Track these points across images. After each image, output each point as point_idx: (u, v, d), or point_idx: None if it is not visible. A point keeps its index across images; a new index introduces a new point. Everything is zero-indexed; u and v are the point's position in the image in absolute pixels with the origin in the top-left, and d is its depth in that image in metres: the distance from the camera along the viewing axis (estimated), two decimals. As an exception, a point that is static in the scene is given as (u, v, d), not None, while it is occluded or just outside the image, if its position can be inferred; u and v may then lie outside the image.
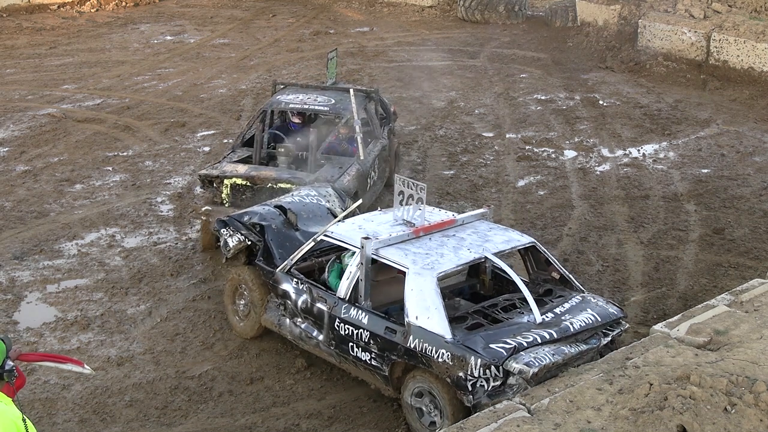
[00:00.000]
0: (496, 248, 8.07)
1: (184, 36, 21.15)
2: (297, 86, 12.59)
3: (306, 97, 11.74)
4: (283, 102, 11.72)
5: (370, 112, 11.90)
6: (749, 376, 6.33)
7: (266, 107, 11.72)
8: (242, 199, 10.41)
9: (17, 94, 16.59)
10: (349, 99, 11.36)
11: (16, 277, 10.19)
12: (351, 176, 10.74)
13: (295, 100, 11.70)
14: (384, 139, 12.04)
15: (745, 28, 17.69)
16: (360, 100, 11.58)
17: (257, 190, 10.40)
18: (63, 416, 7.92)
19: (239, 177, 10.46)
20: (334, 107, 11.52)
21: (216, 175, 10.58)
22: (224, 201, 10.52)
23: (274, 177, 10.47)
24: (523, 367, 6.94)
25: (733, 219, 11.89)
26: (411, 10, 23.74)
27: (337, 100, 11.62)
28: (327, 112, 11.53)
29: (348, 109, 11.34)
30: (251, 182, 10.45)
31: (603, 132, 15.15)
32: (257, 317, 8.87)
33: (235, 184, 10.45)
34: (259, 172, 10.57)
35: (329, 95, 11.81)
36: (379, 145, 11.78)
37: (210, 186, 10.62)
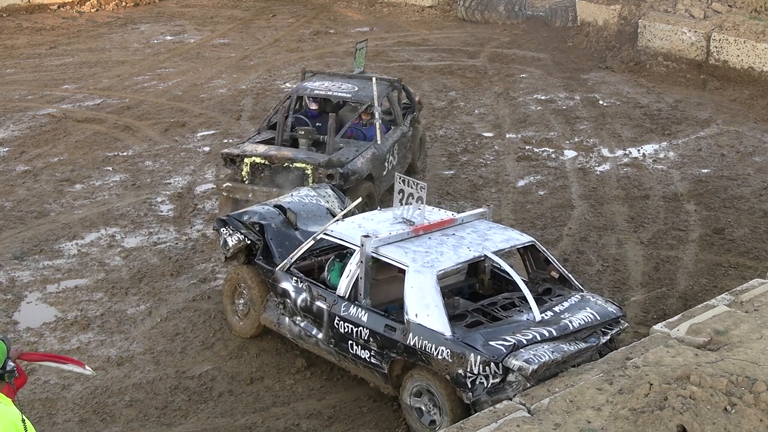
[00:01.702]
0: (495, 247, 8.07)
1: (184, 36, 21.16)
2: (325, 74, 13.06)
3: (331, 84, 12.18)
4: (308, 88, 12.16)
5: (393, 101, 12.42)
6: (749, 376, 6.33)
7: (291, 93, 12.22)
8: (261, 177, 10.93)
9: (17, 94, 16.59)
10: (371, 87, 11.73)
11: (16, 277, 10.19)
12: (365, 159, 11.11)
13: (321, 87, 12.15)
14: (405, 126, 12.46)
15: (745, 28, 17.69)
16: (383, 89, 11.99)
17: (275, 169, 10.89)
18: (63, 416, 7.92)
19: (258, 156, 10.93)
20: (356, 94, 11.93)
21: (237, 153, 11.06)
22: (244, 178, 10.97)
23: (290, 156, 10.89)
24: (523, 364, 6.95)
25: (733, 219, 11.89)
26: (411, 10, 23.75)
27: (360, 88, 12.01)
28: (349, 99, 12.00)
29: (370, 96, 11.71)
30: (269, 161, 10.90)
31: (603, 132, 15.16)
32: (256, 316, 8.88)
33: (254, 163, 10.92)
34: (277, 152, 11.00)
35: (353, 83, 12.22)
36: (399, 132, 12.21)
37: (231, 164, 11.08)
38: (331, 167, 10.67)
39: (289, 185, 10.71)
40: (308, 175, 10.73)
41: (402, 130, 12.34)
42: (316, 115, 12.07)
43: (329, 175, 10.62)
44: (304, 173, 10.75)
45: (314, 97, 12.07)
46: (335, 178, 10.60)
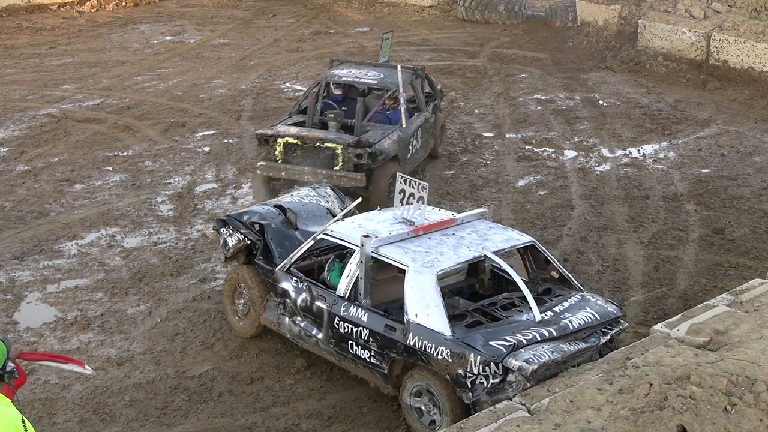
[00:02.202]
0: (495, 247, 8.08)
1: (184, 36, 21.16)
2: (352, 62, 13.83)
3: (358, 72, 12.93)
4: (336, 75, 12.88)
5: (416, 88, 13.04)
6: (749, 376, 6.33)
7: (321, 79, 12.88)
8: (293, 156, 11.50)
9: (17, 94, 16.59)
10: (396, 75, 12.35)
11: (16, 277, 10.19)
12: (391, 140, 11.76)
13: (348, 74, 12.87)
14: (428, 113, 13.10)
15: (745, 28, 17.69)
16: (407, 77, 12.64)
17: (306, 149, 11.48)
18: (63, 416, 7.92)
19: (291, 136, 11.53)
20: (382, 81, 12.61)
21: (270, 134, 11.64)
22: (277, 158, 11.56)
23: (321, 137, 11.53)
24: (523, 364, 6.95)
25: (733, 219, 11.89)
26: (411, 10, 23.74)
27: (386, 75, 12.70)
28: (376, 85, 12.66)
29: (395, 83, 12.34)
30: (301, 141, 11.50)
31: (603, 132, 15.16)
32: (256, 316, 8.88)
33: (287, 143, 11.51)
34: (308, 133, 11.63)
35: (379, 71, 12.93)
36: (422, 118, 12.82)
37: (265, 144, 11.66)
38: (359, 147, 11.28)
39: (320, 164, 11.37)
40: (338, 154, 11.32)
41: (425, 116, 12.94)
42: (341, 100, 12.79)
43: (358, 154, 11.24)
44: (335, 153, 11.33)
45: (338, 84, 12.76)
46: (363, 157, 11.24)
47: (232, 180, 12.96)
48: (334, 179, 11.22)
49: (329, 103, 12.61)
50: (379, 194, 11.35)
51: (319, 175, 11.27)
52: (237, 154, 13.86)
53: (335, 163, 11.33)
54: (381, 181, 11.45)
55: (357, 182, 11.30)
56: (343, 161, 11.30)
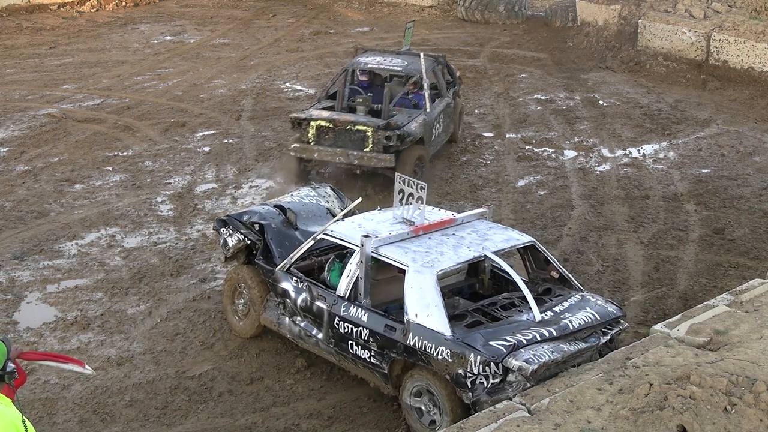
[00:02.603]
0: (495, 247, 8.08)
1: (184, 36, 21.15)
2: (376, 51, 14.48)
3: (383, 59, 13.62)
4: (362, 62, 13.50)
5: (438, 75, 13.55)
6: (749, 376, 6.33)
7: (348, 66, 13.45)
8: (325, 138, 12.15)
9: (17, 94, 16.59)
10: (419, 62, 12.95)
11: (16, 277, 10.19)
12: (418, 123, 12.38)
13: (374, 61, 13.54)
14: (449, 98, 13.70)
15: (745, 28, 17.69)
16: (429, 64, 13.23)
17: (338, 131, 12.14)
18: (63, 416, 7.92)
19: (323, 119, 12.20)
20: (406, 68, 13.24)
21: (304, 117, 12.29)
22: (310, 140, 12.21)
23: (352, 120, 12.20)
24: (523, 364, 6.95)
25: (733, 219, 11.89)
26: (411, 10, 23.75)
27: (410, 62, 13.34)
28: (400, 72, 13.29)
29: (418, 70, 12.94)
30: (333, 124, 12.16)
31: (603, 132, 15.16)
32: (256, 316, 8.88)
33: (320, 126, 12.16)
34: (340, 116, 12.32)
35: (403, 58, 13.63)
36: (444, 103, 13.37)
37: (298, 127, 12.29)
38: (389, 130, 11.95)
39: (351, 146, 12.07)
40: (368, 136, 11.99)
41: (446, 101, 13.53)
42: (367, 86, 13.38)
43: (387, 136, 11.89)
44: (365, 135, 12.00)
45: (364, 70, 13.37)
46: (392, 139, 11.89)
47: (232, 180, 12.97)
48: (365, 160, 12.01)
49: (356, 88, 13.23)
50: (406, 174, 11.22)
51: (351, 156, 12.04)
52: (237, 154, 13.87)
53: (365, 145, 12.01)
54: (408, 162, 12.07)
55: (386, 163, 11.96)
56: (373, 143, 11.97)
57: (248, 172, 13.24)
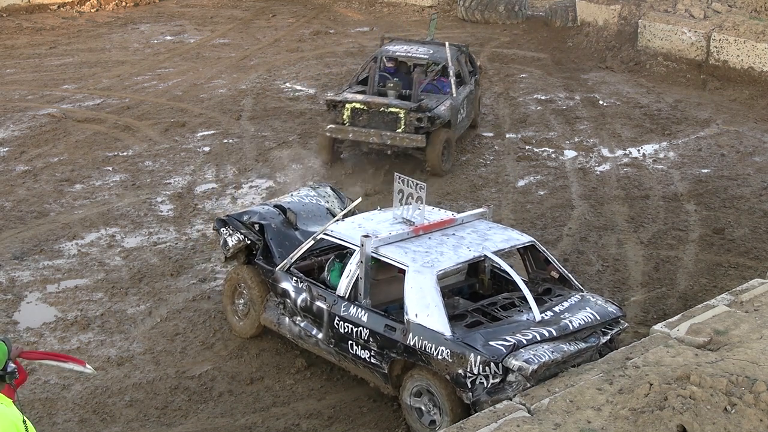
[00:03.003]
0: (495, 247, 8.08)
1: (184, 36, 21.15)
2: (402, 40, 15.50)
3: (410, 48, 14.50)
4: (390, 50, 14.35)
5: (461, 63, 14.39)
6: (749, 376, 6.33)
7: (377, 54, 14.27)
8: (359, 120, 12.87)
9: (17, 94, 16.59)
10: (445, 50, 13.81)
11: (16, 277, 10.19)
12: (446, 107, 13.14)
13: (401, 49, 14.44)
14: (471, 85, 14.45)
15: (745, 28, 17.68)
16: (453, 52, 13.99)
17: (371, 113, 12.86)
18: (63, 416, 7.92)
19: (358, 102, 12.93)
20: (432, 56, 14.10)
21: (339, 100, 13.01)
22: (345, 121, 12.91)
23: (386, 102, 12.93)
24: (523, 364, 6.95)
25: (733, 219, 11.89)
26: (411, 9, 23.74)
27: (435, 51, 14.20)
28: (426, 59, 14.10)
29: (444, 58, 13.82)
30: (367, 106, 12.88)
31: (603, 132, 15.16)
32: (256, 316, 8.88)
33: (354, 108, 12.89)
34: (374, 99, 13.08)
35: (428, 47, 14.47)
36: (467, 89, 14.15)
37: (334, 109, 13.00)
38: (420, 112, 12.68)
39: (384, 127, 12.77)
40: (401, 118, 12.72)
41: (469, 88, 14.30)
42: (393, 73, 14.07)
43: (419, 118, 12.62)
44: (398, 117, 12.73)
45: (392, 58, 14.19)
46: (423, 120, 12.62)
47: (232, 180, 12.97)
48: (397, 140, 12.76)
49: (384, 75, 13.94)
50: (434, 154, 12.87)
51: (383, 137, 12.75)
52: (237, 154, 13.87)
53: (398, 126, 12.74)
54: (436, 143, 12.86)
55: (418, 143, 12.73)
56: (405, 124, 12.71)
57: (248, 172, 13.24)
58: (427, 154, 12.90)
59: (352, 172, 13.18)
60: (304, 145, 14.17)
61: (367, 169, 13.21)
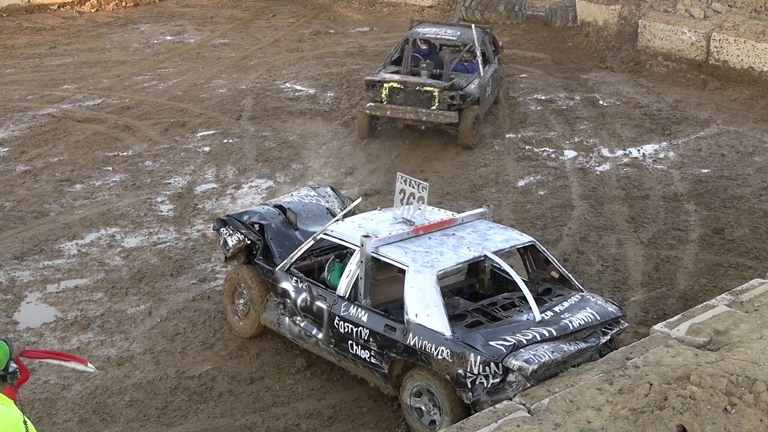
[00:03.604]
0: (495, 247, 8.08)
1: (184, 36, 21.14)
2: (430, 23, 16.72)
3: (438, 30, 15.59)
4: (421, 33, 15.36)
5: (486, 44, 15.32)
6: (749, 376, 6.33)
7: (409, 36, 15.36)
8: (396, 98, 13.88)
9: (17, 94, 16.58)
10: (471, 32, 14.85)
11: (16, 277, 10.19)
12: (475, 85, 14.20)
13: (430, 31, 15.47)
14: (495, 64, 15.50)
15: (745, 28, 17.68)
16: (479, 33, 14.93)
17: (408, 92, 13.85)
18: (63, 416, 7.92)
19: (395, 81, 13.97)
20: (460, 37, 15.21)
21: (378, 80, 14.05)
22: (383, 99, 13.93)
23: (421, 82, 13.95)
24: (523, 364, 6.95)
25: (733, 219, 11.89)
26: (411, 9, 23.72)
27: (462, 33, 15.34)
28: (455, 41, 15.23)
29: (470, 39, 14.83)
30: (404, 85, 13.89)
31: (603, 132, 15.15)
32: (256, 316, 8.88)
33: (392, 87, 13.90)
34: (410, 78, 14.10)
35: (456, 29, 15.68)
36: (492, 68, 15.20)
37: (372, 88, 14.04)
38: (453, 90, 13.65)
39: (419, 104, 13.77)
40: (435, 96, 13.71)
41: (494, 67, 15.35)
42: (426, 53, 14.95)
43: (452, 96, 13.61)
44: (432, 95, 13.73)
45: (423, 39, 15.11)
46: (456, 98, 13.63)
47: (232, 180, 12.97)
48: (432, 117, 13.74)
49: (416, 55, 14.83)
50: (466, 129, 13.88)
51: (419, 114, 13.73)
52: (237, 154, 13.87)
53: (432, 104, 13.74)
54: (467, 118, 13.86)
55: (451, 119, 13.69)
56: (439, 102, 13.69)
57: (248, 172, 13.25)
58: (459, 130, 13.91)
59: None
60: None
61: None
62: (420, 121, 13.89)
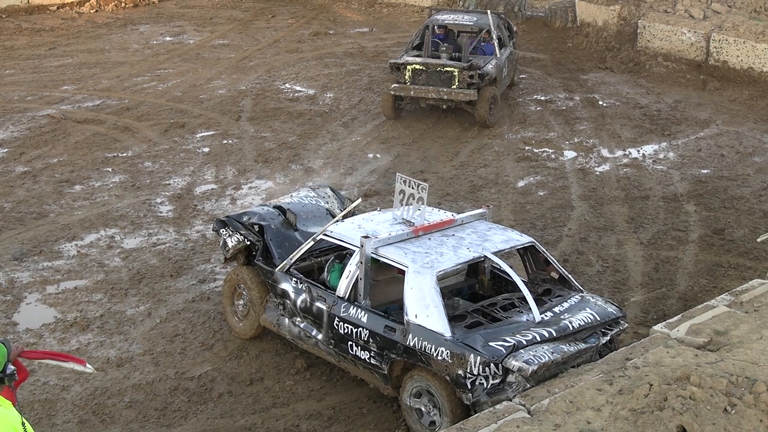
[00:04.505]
0: (495, 248, 8.07)
1: (183, 37, 21.15)
2: (448, 9, 18.19)
3: (456, 16, 16.69)
4: (440, 19, 16.39)
5: (502, 28, 16.33)
6: (749, 376, 6.32)
7: (428, 22, 16.24)
8: (419, 79, 14.80)
9: (17, 95, 16.59)
10: (487, 17, 15.88)
11: (15, 278, 10.19)
12: (492, 65, 15.09)
13: (448, 18, 16.53)
14: (511, 47, 16.46)
15: (745, 28, 17.68)
16: (494, 19, 16.04)
17: (429, 73, 14.76)
18: (62, 417, 7.91)
19: (418, 63, 14.88)
20: (476, 23, 16.11)
21: (401, 62, 14.98)
22: (407, 81, 14.85)
23: (441, 63, 14.84)
24: (522, 365, 6.95)
25: (732, 219, 11.88)
26: (410, 10, 23.73)
27: (478, 18, 16.31)
28: (471, 26, 16.16)
29: (487, 23, 15.79)
30: (426, 67, 14.78)
31: (603, 132, 15.15)
32: (256, 317, 8.87)
33: (415, 69, 14.83)
34: (431, 60, 15.01)
35: (472, 15, 16.78)
36: (508, 51, 16.13)
37: (397, 71, 14.94)
38: (472, 70, 14.53)
39: (441, 84, 14.66)
40: (455, 76, 14.59)
41: (510, 49, 16.30)
42: (443, 38, 15.96)
43: (471, 75, 14.46)
44: (452, 75, 14.61)
45: (441, 25, 16.14)
46: (475, 77, 14.50)
47: (232, 181, 12.96)
48: (453, 95, 14.62)
49: (435, 40, 15.74)
50: (483, 107, 14.74)
51: (441, 93, 14.62)
52: (236, 155, 13.86)
53: (452, 83, 14.62)
54: (485, 97, 14.75)
55: (470, 97, 14.56)
56: (459, 81, 14.57)
57: (248, 172, 13.24)
58: (477, 108, 14.76)
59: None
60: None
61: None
62: (441, 99, 14.77)
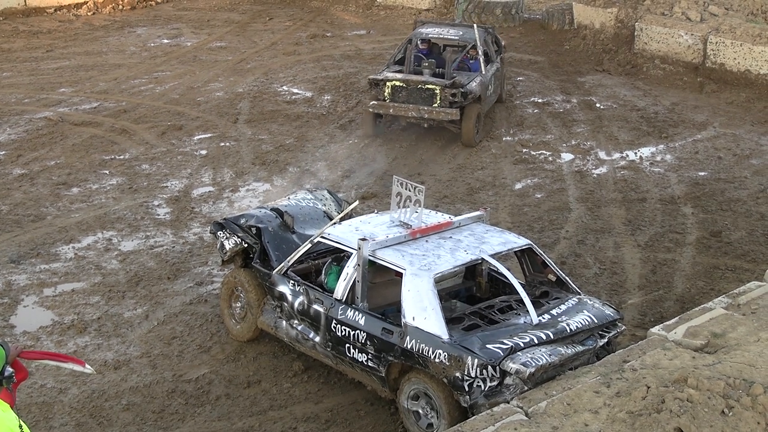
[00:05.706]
0: (492, 250, 8.07)
1: (180, 39, 21.14)
2: (434, 22, 17.06)
3: (441, 30, 15.79)
4: (424, 33, 15.56)
5: (488, 43, 15.55)
6: (746, 378, 6.33)
7: (412, 36, 15.49)
8: (399, 96, 14.11)
9: (14, 98, 16.57)
10: (473, 32, 15.02)
11: (12, 281, 10.18)
12: (477, 83, 14.35)
13: (433, 32, 15.65)
14: (498, 63, 15.69)
15: (742, 30, 17.71)
16: (481, 33, 15.11)
17: (410, 90, 14.09)
18: (60, 420, 7.90)
19: (398, 80, 14.19)
20: (462, 37, 15.35)
21: (381, 78, 14.26)
22: (386, 98, 14.16)
23: (423, 80, 14.17)
24: (520, 367, 6.95)
25: (730, 222, 11.90)
26: (408, 13, 23.73)
27: (465, 32, 15.49)
28: (457, 40, 15.39)
29: (472, 38, 14.99)
30: (406, 83, 14.11)
31: (600, 135, 15.16)
32: (254, 320, 8.87)
33: (395, 85, 14.12)
34: (411, 77, 14.32)
35: (458, 29, 15.89)
36: (494, 67, 15.40)
37: (376, 87, 14.21)
38: (454, 88, 13.85)
39: (422, 102, 13.99)
40: (437, 93, 13.92)
41: (496, 65, 15.55)
42: (427, 53, 15.21)
43: (453, 93, 13.79)
44: (434, 92, 13.94)
45: (425, 39, 15.37)
46: (457, 96, 13.81)
47: (229, 183, 12.96)
48: (434, 114, 13.97)
49: (419, 55, 15.01)
50: (468, 127, 14.09)
51: (421, 111, 13.98)
52: (234, 158, 13.86)
53: (434, 101, 13.95)
54: (469, 116, 14.07)
55: (452, 116, 13.91)
56: (441, 99, 13.89)
57: (245, 175, 13.24)
58: (461, 127, 14.12)
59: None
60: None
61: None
62: (422, 118, 14.12)
